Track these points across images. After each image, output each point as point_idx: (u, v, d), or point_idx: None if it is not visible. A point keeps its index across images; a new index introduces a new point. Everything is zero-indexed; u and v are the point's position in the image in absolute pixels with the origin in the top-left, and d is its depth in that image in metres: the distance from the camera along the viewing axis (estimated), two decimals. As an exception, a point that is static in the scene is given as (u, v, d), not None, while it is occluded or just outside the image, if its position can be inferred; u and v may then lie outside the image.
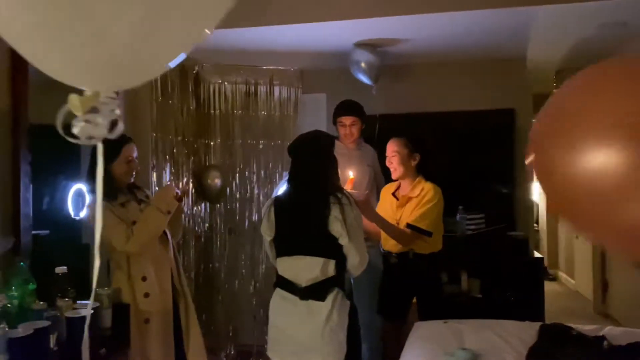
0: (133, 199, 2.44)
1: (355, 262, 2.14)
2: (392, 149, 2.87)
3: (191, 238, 3.93)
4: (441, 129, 4.01)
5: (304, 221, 2.17)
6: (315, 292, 2.14)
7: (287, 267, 2.22)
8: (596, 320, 5.09)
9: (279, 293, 2.26)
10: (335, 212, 2.09)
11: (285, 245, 2.24)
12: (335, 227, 2.10)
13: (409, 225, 2.77)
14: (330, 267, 2.13)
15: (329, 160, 2.22)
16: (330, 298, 2.13)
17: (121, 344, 2.27)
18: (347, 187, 2.65)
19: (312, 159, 2.20)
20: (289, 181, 2.24)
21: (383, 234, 2.89)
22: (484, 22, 3.22)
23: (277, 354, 2.26)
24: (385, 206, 2.99)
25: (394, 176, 2.91)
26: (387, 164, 2.89)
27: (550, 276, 6.82)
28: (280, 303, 2.24)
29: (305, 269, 2.16)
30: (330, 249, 2.13)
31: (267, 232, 2.30)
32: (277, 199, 2.29)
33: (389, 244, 2.89)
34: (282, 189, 2.34)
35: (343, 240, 2.11)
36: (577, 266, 6.38)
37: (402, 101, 4.24)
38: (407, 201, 2.86)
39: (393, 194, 2.98)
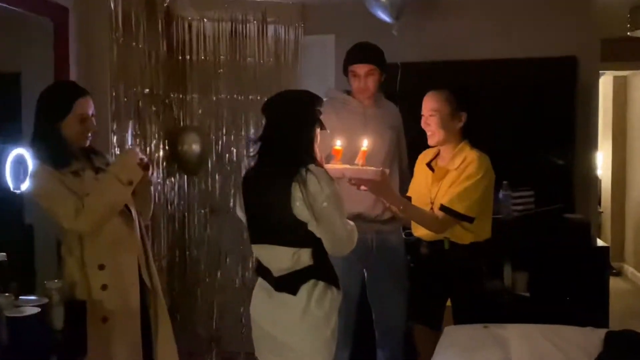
0: (89, 166, 2.42)
1: (328, 246, 2.22)
2: (430, 106, 2.77)
3: (162, 219, 3.92)
4: (481, 82, 3.93)
5: (268, 203, 2.23)
6: (286, 284, 2.24)
7: (260, 254, 2.34)
8: (672, 325, 5.08)
9: (259, 281, 2.39)
10: (297, 192, 2.13)
11: (255, 231, 2.33)
12: (300, 212, 2.15)
13: (442, 208, 2.72)
14: (304, 256, 2.21)
15: (302, 126, 2.25)
16: (304, 291, 2.22)
17: (76, 349, 2.27)
18: (359, 162, 2.60)
19: (281, 124, 2.24)
20: (258, 149, 2.30)
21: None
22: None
23: (259, 353, 2.39)
24: (419, 180, 2.93)
25: (431, 142, 2.83)
26: (424, 125, 2.81)
27: (614, 270, 6.82)
28: (258, 293, 2.38)
29: (275, 259, 2.26)
30: (302, 236, 2.20)
31: (240, 213, 2.39)
32: (246, 174, 2.38)
33: (420, 229, 2.86)
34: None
35: (311, 226, 2.17)
36: (648, 258, 6.37)
37: (432, 45, 4.17)
38: (445, 175, 2.79)
39: (428, 164, 2.92)
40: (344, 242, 2.25)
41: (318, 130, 2.28)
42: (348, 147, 2.70)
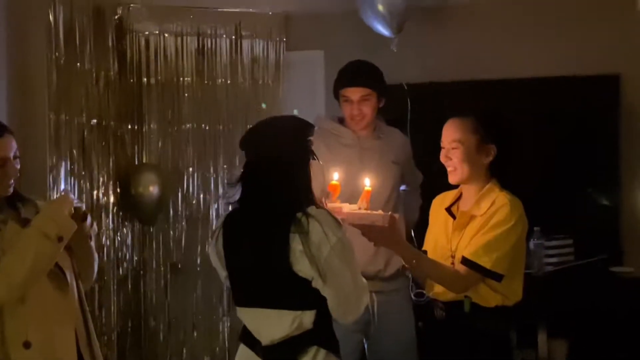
0: (13, 218, 2.35)
1: (333, 307, 2.19)
2: (453, 136, 2.74)
3: (112, 280, 3.87)
4: (505, 107, 3.93)
5: (259, 257, 2.19)
6: (280, 354, 2.19)
7: (247, 320, 2.29)
8: None
9: (242, 350, 2.33)
10: (296, 244, 2.10)
11: (241, 291, 2.29)
12: (302, 267, 2.12)
13: (464, 261, 2.68)
14: (307, 320, 2.18)
15: (294, 161, 2.24)
16: None
17: None
18: (362, 205, 2.58)
19: (268, 160, 2.22)
20: (241, 194, 2.27)
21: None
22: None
23: None
24: (436, 229, 2.90)
25: (452, 180, 2.81)
26: (443, 159, 2.79)
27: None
28: None
29: (268, 326, 2.21)
30: (304, 296, 2.17)
31: (219, 266, 2.35)
32: (229, 218, 2.33)
33: (437, 289, 2.82)
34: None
35: (316, 283, 2.13)
36: None
37: (443, 63, 4.18)
38: (469, 221, 2.76)
39: (448, 209, 2.89)
40: (351, 305, 2.21)
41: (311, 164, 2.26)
42: (342, 187, 2.68)
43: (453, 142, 2.74)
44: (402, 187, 3.30)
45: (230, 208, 2.40)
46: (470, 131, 2.74)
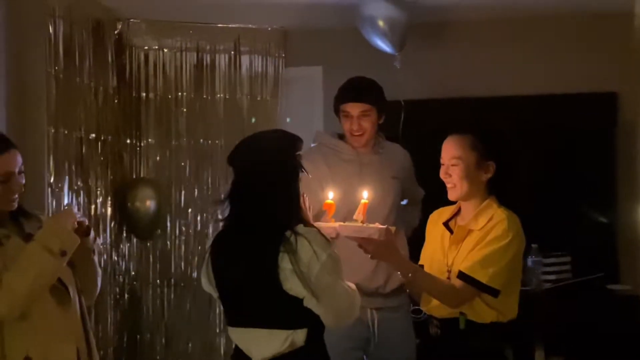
0: (17, 233, 2.35)
1: (328, 321, 2.20)
2: (452, 153, 2.75)
3: (108, 294, 3.87)
4: (504, 124, 3.93)
5: (249, 277, 2.19)
6: None
7: (239, 339, 2.29)
8: None
9: None
10: (285, 264, 2.10)
11: (232, 311, 2.29)
12: (292, 286, 2.12)
13: (461, 275, 2.69)
14: (299, 338, 2.17)
15: (281, 178, 2.23)
16: None
17: None
18: (358, 217, 2.58)
19: (255, 177, 2.22)
20: (229, 211, 2.27)
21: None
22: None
23: None
24: (433, 244, 2.91)
25: (452, 196, 2.81)
26: (443, 176, 2.80)
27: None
28: None
29: (261, 345, 2.20)
30: (296, 315, 2.17)
31: (209, 288, 2.33)
32: (217, 238, 2.32)
33: (432, 305, 2.82)
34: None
35: (309, 302, 2.14)
36: None
37: (441, 80, 4.21)
38: (466, 236, 2.78)
39: (446, 224, 2.91)
40: (345, 314, 2.22)
41: (300, 180, 2.25)
42: (341, 203, 2.69)
43: (453, 159, 2.75)
44: (404, 202, 3.32)
45: (220, 225, 2.40)
46: (469, 148, 2.75)
